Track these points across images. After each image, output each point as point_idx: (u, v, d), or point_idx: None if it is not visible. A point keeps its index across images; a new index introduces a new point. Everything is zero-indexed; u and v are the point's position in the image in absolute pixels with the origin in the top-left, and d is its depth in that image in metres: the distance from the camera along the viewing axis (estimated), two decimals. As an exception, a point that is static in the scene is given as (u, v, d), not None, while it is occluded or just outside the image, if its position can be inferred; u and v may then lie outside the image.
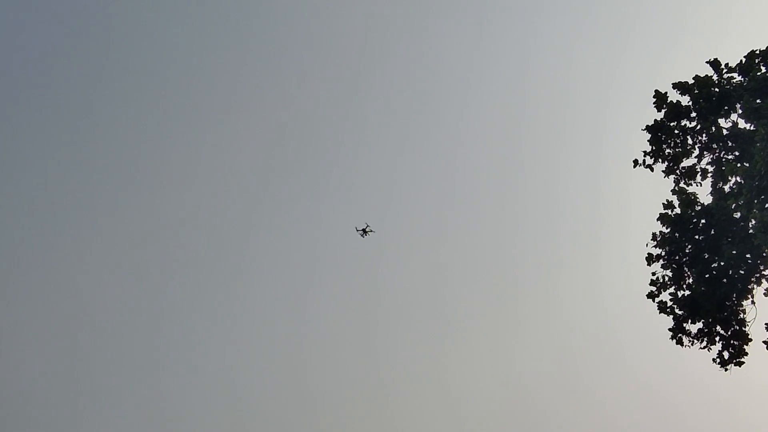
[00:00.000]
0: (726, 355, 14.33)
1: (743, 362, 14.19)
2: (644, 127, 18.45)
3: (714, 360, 14.64)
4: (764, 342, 13.83)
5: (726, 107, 16.93)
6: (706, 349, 14.57)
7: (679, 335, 14.94)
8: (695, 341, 14.73)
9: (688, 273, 15.03)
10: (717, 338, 14.50)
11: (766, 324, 13.89)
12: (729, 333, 14.35)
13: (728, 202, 15.05)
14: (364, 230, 38.17)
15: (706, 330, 14.59)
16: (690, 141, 17.94)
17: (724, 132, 16.74)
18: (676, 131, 18.18)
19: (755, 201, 13.43)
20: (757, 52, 16.39)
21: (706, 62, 17.47)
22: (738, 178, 15.12)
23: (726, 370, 14.33)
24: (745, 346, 14.10)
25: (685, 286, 15.08)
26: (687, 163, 17.48)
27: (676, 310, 15.08)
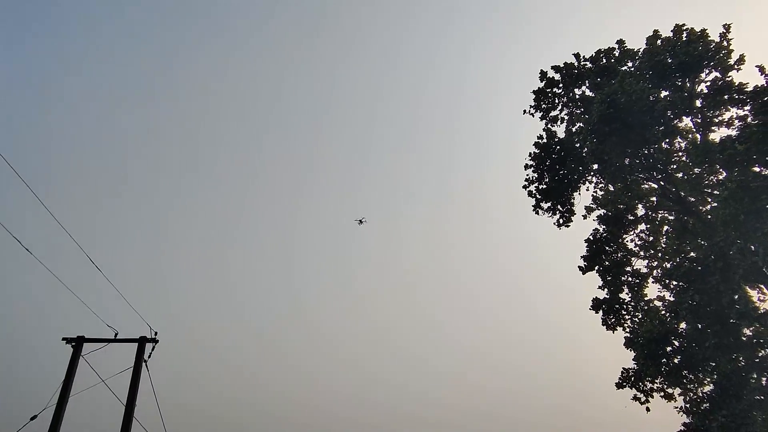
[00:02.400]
0: (561, 220, 25.10)
1: (570, 225, 25.05)
2: (531, 91, 28.09)
3: (554, 223, 25.36)
4: (582, 215, 24.89)
5: (579, 82, 27.23)
6: (552, 216, 25.13)
7: (537, 210, 25.35)
8: (546, 213, 25.21)
9: (546, 175, 25.23)
10: (557, 212, 25.10)
11: (586, 206, 24.94)
12: (564, 209, 24.99)
13: (573, 138, 25.38)
14: (360, 221, 46.24)
15: (551, 207, 25.14)
16: (557, 101, 28.02)
17: (577, 97, 26.98)
18: (550, 95, 28.13)
19: (589, 137, 23.47)
20: (602, 50, 26.74)
21: (573, 55, 27.43)
22: (581, 124, 25.44)
23: (560, 228, 25.09)
24: (572, 216, 24.96)
25: (543, 182, 25.30)
26: (554, 113, 27.59)
27: (537, 196, 25.35)
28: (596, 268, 24.74)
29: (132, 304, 16.88)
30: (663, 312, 22.42)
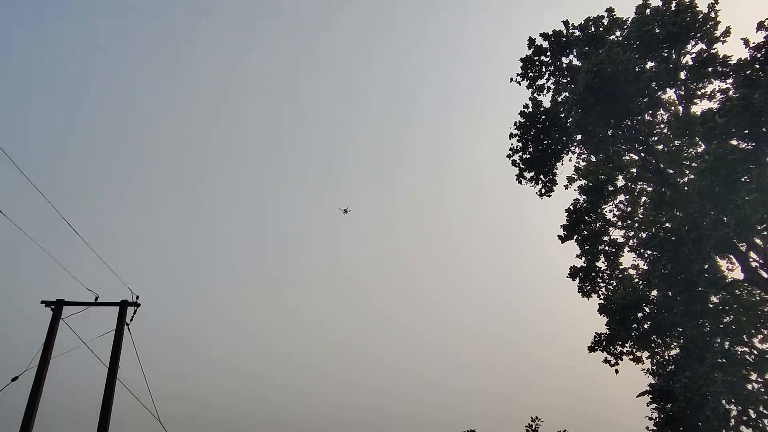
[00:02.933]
0: (543, 190, 25.43)
1: (551, 195, 25.40)
2: (519, 59, 27.71)
3: (536, 193, 25.69)
4: (564, 186, 25.29)
5: (567, 51, 26.95)
6: (534, 186, 25.43)
7: (520, 179, 25.56)
8: (529, 182, 25.44)
9: (530, 144, 25.31)
10: (539, 181, 25.35)
11: (568, 177, 25.26)
12: (546, 179, 25.25)
13: (559, 107, 25.35)
14: (345, 210, 47.07)
15: (534, 177, 25.36)
16: (544, 70, 27.76)
17: (564, 66, 26.77)
18: (537, 63, 27.84)
19: (574, 107, 23.44)
20: (591, 18, 26.37)
21: (561, 22, 26.99)
22: (567, 94, 25.37)
23: (542, 197, 25.44)
24: (553, 187, 25.29)
25: (527, 152, 25.41)
26: (541, 82, 27.39)
27: (521, 165, 25.50)
28: (575, 237, 25.28)
29: (114, 269, 16.70)
30: (636, 280, 23.20)
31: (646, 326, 20.80)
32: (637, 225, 25.78)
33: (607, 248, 25.70)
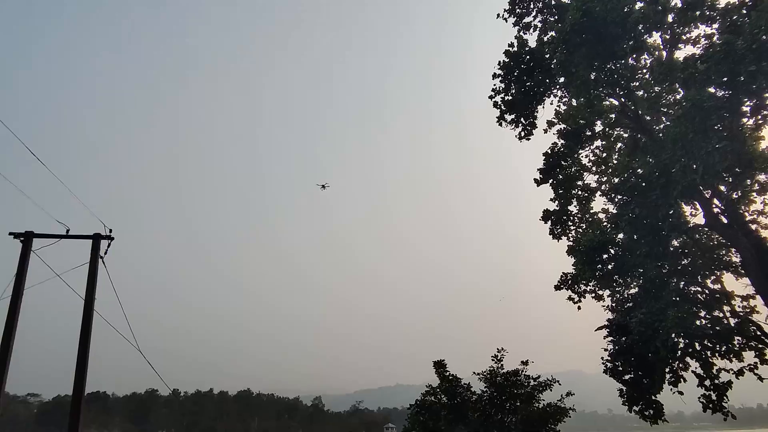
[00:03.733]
0: (523, 133, 25.46)
1: (530, 138, 25.49)
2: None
3: (516, 136, 25.76)
4: (544, 129, 25.31)
5: (556, -13, 25.87)
6: (514, 129, 25.41)
7: (501, 121, 25.46)
8: (509, 125, 25.38)
9: (513, 86, 24.95)
10: (520, 124, 25.31)
11: (548, 120, 25.22)
12: (526, 122, 25.21)
13: (544, 47, 24.77)
14: (323, 186, 48.45)
15: (515, 120, 25.28)
16: (531, 6, 26.76)
17: (553, 3, 25.83)
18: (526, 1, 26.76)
19: (559, 47, 22.90)
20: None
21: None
22: (553, 33, 24.70)
23: (521, 140, 25.52)
24: (533, 130, 25.32)
25: (510, 93, 25.10)
26: (528, 20, 26.50)
27: (502, 107, 25.29)
28: (550, 181, 25.73)
29: (85, 203, 16.27)
30: (605, 224, 24.08)
31: (609, 267, 21.87)
32: (610, 171, 26.33)
33: (580, 192, 26.36)
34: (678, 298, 18.98)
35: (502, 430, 20.11)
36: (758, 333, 18.96)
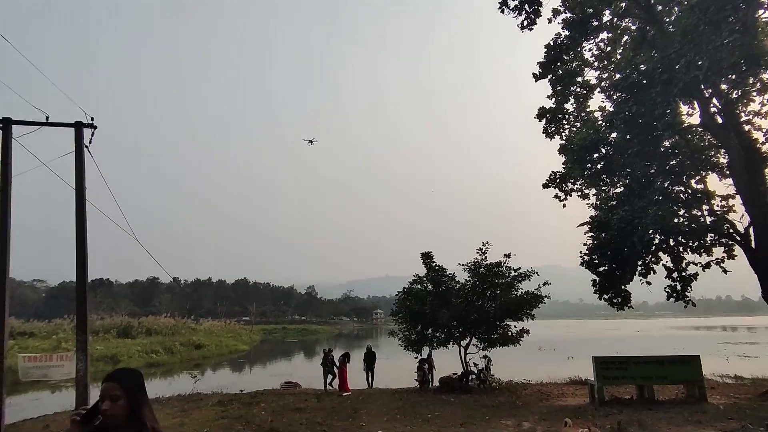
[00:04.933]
0: (526, 22, 23.81)
1: (533, 28, 23.90)
2: None
3: (518, 25, 24.10)
4: (548, 19, 23.73)
5: None
6: (517, 17, 23.69)
7: (503, 8, 23.64)
8: (512, 12, 23.62)
9: None
10: (523, 12, 23.55)
11: (553, 9, 23.20)
12: (530, 9, 23.40)
13: None
14: (310, 141, 50.26)
15: (518, 6, 23.46)
16: None
17: None
18: None
19: None
20: None
21: None
22: None
23: (523, 30, 23.98)
24: (537, 18, 23.65)
25: None
26: None
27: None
28: (549, 76, 24.72)
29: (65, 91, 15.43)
30: (600, 122, 23.73)
31: (599, 166, 22.05)
32: (613, 66, 25.26)
33: (578, 90, 25.54)
34: (661, 197, 19.48)
35: (481, 314, 21.85)
36: (731, 231, 19.87)
